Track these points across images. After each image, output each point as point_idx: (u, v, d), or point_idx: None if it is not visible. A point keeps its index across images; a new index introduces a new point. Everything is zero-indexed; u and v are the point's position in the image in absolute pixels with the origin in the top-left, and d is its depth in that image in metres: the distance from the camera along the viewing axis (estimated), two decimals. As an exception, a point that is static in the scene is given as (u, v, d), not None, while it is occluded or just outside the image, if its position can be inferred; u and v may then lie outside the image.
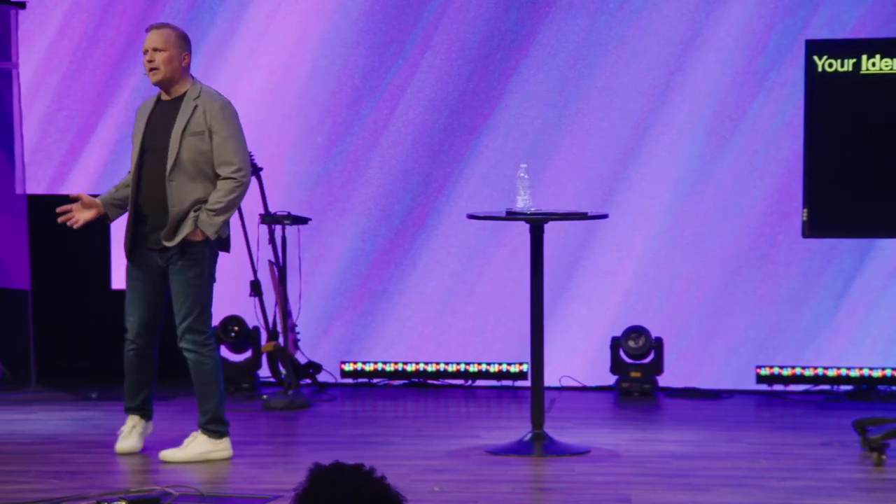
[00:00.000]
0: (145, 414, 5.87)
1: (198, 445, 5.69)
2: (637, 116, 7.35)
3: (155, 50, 5.66)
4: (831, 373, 7.17)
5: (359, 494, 2.57)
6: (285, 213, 7.07)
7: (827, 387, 7.20)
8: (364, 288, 7.49)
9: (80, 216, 5.71)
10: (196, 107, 5.65)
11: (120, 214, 5.80)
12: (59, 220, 5.74)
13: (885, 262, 7.16)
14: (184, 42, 5.68)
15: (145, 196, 5.66)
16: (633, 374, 7.24)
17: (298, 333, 7.24)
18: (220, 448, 5.70)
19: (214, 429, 5.69)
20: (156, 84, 5.71)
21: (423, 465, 5.64)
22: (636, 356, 7.26)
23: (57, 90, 7.58)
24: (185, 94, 5.69)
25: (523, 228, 6.10)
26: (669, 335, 7.30)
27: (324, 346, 7.48)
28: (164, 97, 5.74)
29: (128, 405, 5.86)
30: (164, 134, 5.66)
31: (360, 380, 7.49)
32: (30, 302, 7.35)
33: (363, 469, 2.63)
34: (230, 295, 7.41)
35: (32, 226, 7.42)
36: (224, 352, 7.35)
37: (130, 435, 5.82)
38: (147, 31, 5.76)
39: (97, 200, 5.74)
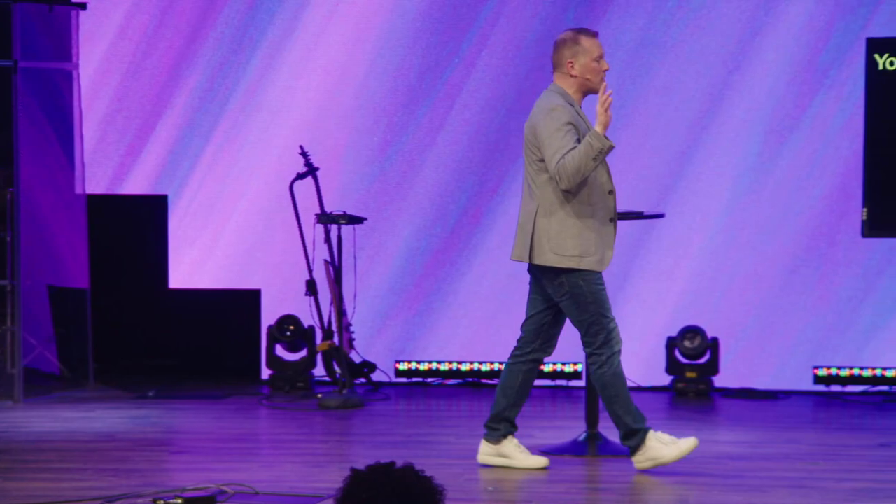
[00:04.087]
0: None
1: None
2: (695, 115, 7.30)
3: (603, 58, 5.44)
4: (890, 373, 7.10)
5: (385, 491, 2.59)
6: (341, 213, 7.10)
7: (885, 388, 7.12)
8: (419, 287, 7.50)
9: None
10: None
11: None
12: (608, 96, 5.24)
13: (946, 262, 7.08)
14: None
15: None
16: (689, 375, 7.20)
17: (353, 332, 7.26)
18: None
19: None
20: (596, 92, 5.40)
21: (477, 465, 5.63)
22: (692, 356, 7.22)
23: (117, 91, 7.65)
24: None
25: (579, 228, 6.07)
26: (726, 335, 7.25)
27: (378, 345, 7.49)
28: (579, 102, 5.47)
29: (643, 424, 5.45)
30: None
31: (414, 379, 7.51)
32: (88, 301, 7.42)
33: (394, 465, 2.64)
34: (286, 294, 7.44)
35: (91, 225, 7.49)
36: (279, 351, 7.39)
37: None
38: (592, 35, 5.45)
39: None
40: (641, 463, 5.49)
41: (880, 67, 5.75)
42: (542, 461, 5.57)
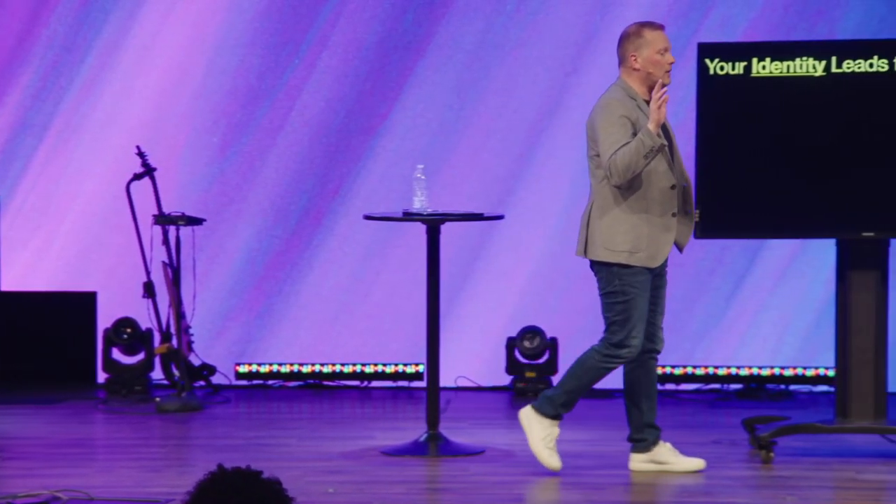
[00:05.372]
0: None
1: None
2: (533, 117, 7.39)
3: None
4: (721, 372, 7.27)
5: (242, 496, 2.56)
6: (179, 214, 7.01)
7: (717, 386, 7.30)
8: (259, 289, 7.45)
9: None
10: None
11: None
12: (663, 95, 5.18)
13: (775, 262, 7.27)
14: None
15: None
16: (529, 375, 7.28)
17: (192, 335, 7.18)
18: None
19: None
20: (664, 86, 5.30)
21: (318, 467, 5.62)
22: (531, 356, 7.30)
23: (-55, 88, 7.45)
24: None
25: (420, 229, 6.11)
26: (564, 335, 7.35)
27: (218, 347, 7.42)
28: (645, 95, 5.36)
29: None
30: (666, 137, 5.37)
31: (254, 381, 7.45)
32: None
33: (250, 471, 2.61)
34: (123, 297, 7.33)
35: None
36: (116, 354, 7.27)
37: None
38: (657, 27, 5.38)
39: None
40: (525, 418, 5.44)
41: (711, 72, 5.87)
42: (699, 462, 5.50)
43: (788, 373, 7.25)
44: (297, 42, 7.41)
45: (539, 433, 5.46)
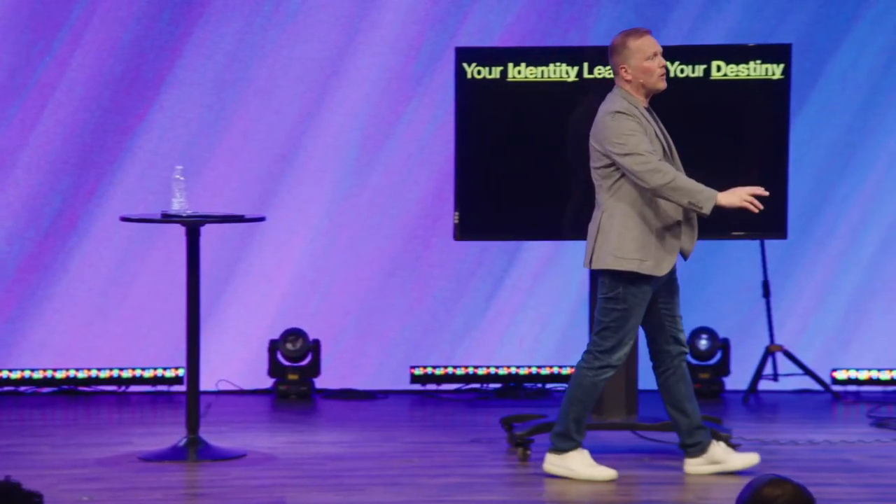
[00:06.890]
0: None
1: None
2: (294, 119, 7.37)
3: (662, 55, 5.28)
4: (481, 371, 7.38)
5: None
6: (-76, 216, 6.75)
7: (477, 385, 7.41)
8: (11, 293, 7.22)
9: None
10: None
11: None
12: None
13: (532, 263, 7.43)
14: None
15: None
16: (291, 377, 7.26)
17: (-61, 341, 6.92)
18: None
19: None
20: (659, 91, 5.29)
21: (73, 475, 5.50)
22: (294, 358, 7.28)
23: None
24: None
25: (179, 231, 6.03)
26: (327, 337, 7.36)
27: (-33, 354, 7.17)
28: (644, 103, 5.31)
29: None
30: (668, 143, 5.32)
31: (5, 388, 7.22)
32: None
33: (9, 482, 2.53)
34: None
35: None
36: None
37: None
38: (641, 34, 5.28)
39: None
40: (554, 466, 5.47)
41: (469, 76, 5.96)
42: (753, 457, 5.52)
43: (545, 371, 7.41)
44: (49, 39, 7.21)
45: (576, 465, 5.45)
